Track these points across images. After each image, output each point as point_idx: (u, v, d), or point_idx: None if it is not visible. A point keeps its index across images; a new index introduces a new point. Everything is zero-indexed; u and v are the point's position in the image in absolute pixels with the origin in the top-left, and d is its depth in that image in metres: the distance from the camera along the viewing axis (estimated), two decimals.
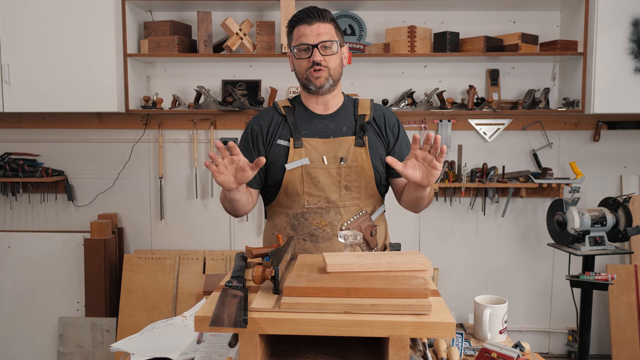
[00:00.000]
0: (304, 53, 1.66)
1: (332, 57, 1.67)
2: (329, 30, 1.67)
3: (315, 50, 1.64)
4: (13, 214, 3.47)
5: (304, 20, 1.66)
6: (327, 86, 1.69)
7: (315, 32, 1.64)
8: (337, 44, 1.68)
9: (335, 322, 1.04)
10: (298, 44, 1.66)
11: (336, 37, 1.69)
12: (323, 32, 1.65)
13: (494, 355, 1.23)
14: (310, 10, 1.66)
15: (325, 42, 1.65)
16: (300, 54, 1.67)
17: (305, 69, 1.67)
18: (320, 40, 1.64)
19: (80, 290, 3.37)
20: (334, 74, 1.69)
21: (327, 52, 1.66)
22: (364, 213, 1.72)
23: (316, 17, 1.65)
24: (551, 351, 3.47)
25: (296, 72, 1.72)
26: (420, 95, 3.28)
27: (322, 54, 1.65)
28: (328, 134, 1.72)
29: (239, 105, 3.15)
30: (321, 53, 1.65)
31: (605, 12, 2.92)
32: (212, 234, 3.44)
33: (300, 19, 1.67)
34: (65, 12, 2.95)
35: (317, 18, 1.65)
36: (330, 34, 1.66)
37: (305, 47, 1.65)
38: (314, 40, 1.64)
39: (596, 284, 2.69)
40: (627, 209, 2.82)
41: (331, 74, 1.68)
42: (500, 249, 3.43)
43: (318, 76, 1.66)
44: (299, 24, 1.67)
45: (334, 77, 1.69)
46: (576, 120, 3.32)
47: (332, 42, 1.66)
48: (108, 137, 3.40)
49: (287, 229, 1.71)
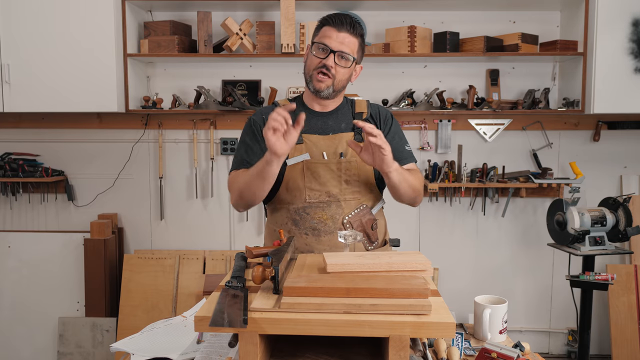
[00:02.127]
0: (320, 52, 1.67)
1: (343, 69, 1.69)
2: (353, 45, 1.68)
3: (331, 55, 1.66)
4: (13, 214, 3.47)
5: (335, 24, 1.67)
6: (326, 93, 1.71)
7: (340, 39, 1.66)
8: (353, 60, 1.69)
9: (335, 322, 1.04)
10: (319, 41, 1.68)
11: (356, 54, 1.70)
12: (346, 43, 1.67)
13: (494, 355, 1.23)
14: (345, 18, 1.68)
15: (344, 53, 1.66)
16: (318, 51, 1.68)
17: (314, 67, 1.68)
18: (340, 48, 1.66)
19: (80, 290, 3.37)
20: (337, 85, 1.70)
21: (340, 62, 1.67)
22: (364, 207, 1.74)
23: (347, 26, 1.67)
24: (551, 351, 3.47)
25: (305, 64, 1.74)
26: (420, 95, 3.28)
27: (336, 62, 1.67)
28: (327, 130, 1.74)
29: (239, 105, 3.15)
30: (335, 61, 1.66)
31: (605, 12, 2.92)
32: (212, 234, 3.44)
33: (333, 21, 1.68)
34: (65, 12, 2.95)
35: (348, 28, 1.67)
36: (352, 48, 1.68)
37: (324, 48, 1.66)
38: (335, 46, 1.66)
39: (596, 284, 2.69)
40: (627, 209, 2.82)
41: (334, 84, 1.70)
42: (500, 249, 3.43)
43: (321, 80, 1.68)
44: (329, 24, 1.68)
45: (336, 88, 1.71)
46: (576, 120, 3.32)
47: (349, 56, 1.67)
48: (108, 137, 3.40)
49: (289, 224, 1.72)
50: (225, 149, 3.35)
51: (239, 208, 1.74)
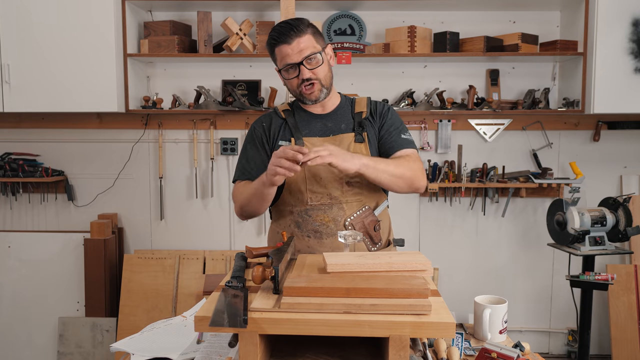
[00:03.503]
0: (291, 72, 1.65)
1: (320, 67, 1.66)
2: (309, 42, 1.64)
3: (301, 67, 1.63)
4: (13, 214, 3.47)
5: (282, 40, 1.63)
6: (322, 96, 1.71)
7: (296, 49, 1.62)
8: (320, 53, 1.66)
9: (335, 322, 1.04)
10: (284, 66, 1.65)
11: (318, 46, 1.66)
12: (304, 47, 1.62)
13: (494, 355, 1.23)
14: (284, 28, 1.63)
15: (309, 56, 1.63)
16: (288, 74, 1.66)
17: (297, 85, 1.68)
18: (303, 56, 1.62)
19: (80, 290, 3.37)
20: (325, 83, 1.69)
21: (313, 65, 1.65)
22: (367, 208, 1.73)
23: (293, 32, 1.62)
24: (551, 351, 3.47)
25: (288, 89, 1.73)
26: (420, 95, 3.28)
27: (309, 69, 1.64)
28: (327, 132, 1.74)
29: (239, 105, 3.15)
30: (308, 68, 1.64)
31: (605, 12, 2.92)
32: (212, 234, 3.43)
33: (278, 39, 1.64)
34: (65, 12, 2.95)
35: (295, 33, 1.62)
36: (311, 45, 1.64)
37: (291, 66, 1.64)
38: (297, 58, 1.62)
39: (596, 284, 2.69)
40: (627, 209, 2.82)
41: (323, 84, 1.69)
42: (500, 249, 3.43)
43: (311, 91, 1.67)
44: (278, 45, 1.64)
45: (326, 86, 1.70)
46: (576, 120, 3.32)
47: (315, 54, 1.64)
48: (108, 137, 3.40)
49: (292, 227, 1.73)
50: (225, 149, 3.35)
51: (242, 218, 1.77)
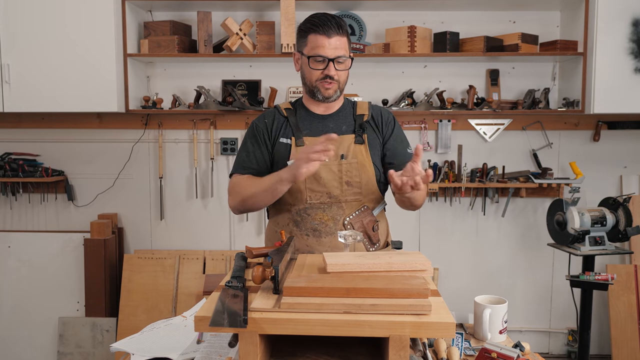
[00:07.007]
0: (319, 64, 1.67)
1: (344, 71, 1.70)
2: (345, 45, 1.68)
3: (330, 64, 1.66)
4: (13, 214, 3.47)
5: (322, 31, 1.65)
6: (335, 97, 1.73)
7: (333, 45, 1.65)
8: (350, 59, 1.70)
9: (335, 322, 1.04)
10: (314, 54, 1.66)
11: (349, 52, 1.71)
12: (340, 47, 1.66)
13: (494, 355, 1.23)
14: (330, 21, 1.65)
15: (341, 57, 1.67)
16: (315, 64, 1.68)
17: (316, 79, 1.69)
18: (337, 55, 1.66)
19: (80, 290, 3.37)
20: (342, 86, 1.73)
21: (340, 67, 1.68)
22: (365, 208, 1.74)
23: (335, 29, 1.65)
24: (551, 351, 3.47)
25: (304, 76, 1.74)
26: (420, 95, 3.28)
27: (337, 69, 1.67)
28: (328, 132, 1.73)
29: (239, 105, 3.15)
30: (336, 68, 1.67)
31: (605, 12, 2.92)
32: (212, 234, 3.43)
33: (319, 28, 1.65)
34: (65, 12, 2.95)
35: (336, 31, 1.65)
36: (345, 48, 1.68)
37: (322, 59, 1.66)
38: (331, 54, 1.65)
39: (596, 284, 2.69)
40: (627, 209, 2.82)
41: (340, 87, 1.72)
42: (500, 249, 3.42)
43: (328, 88, 1.70)
44: (316, 32, 1.66)
45: (341, 89, 1.74)
46: (576, 120, 3.31)
47: (346, 58, 1.68)
48: (108, 137, 3.40)
49: (290, 226, 1.73)
50: (225, 149, 3.35)
51: (236, 212, 1.75)
